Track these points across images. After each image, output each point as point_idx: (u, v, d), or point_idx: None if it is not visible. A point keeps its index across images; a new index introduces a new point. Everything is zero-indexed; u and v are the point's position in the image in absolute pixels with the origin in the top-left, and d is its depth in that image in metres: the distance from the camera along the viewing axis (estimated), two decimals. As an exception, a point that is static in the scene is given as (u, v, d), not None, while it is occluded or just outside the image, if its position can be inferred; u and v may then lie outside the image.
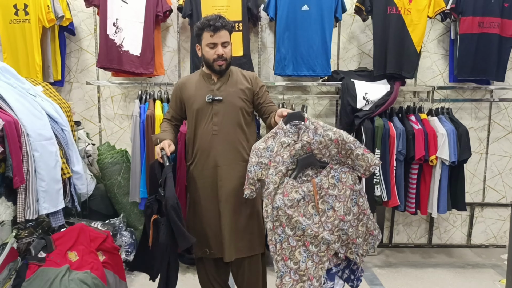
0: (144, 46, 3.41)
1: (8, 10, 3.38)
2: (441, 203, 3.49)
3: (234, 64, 3.40)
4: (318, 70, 3.49)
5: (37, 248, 2.55)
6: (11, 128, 2.27)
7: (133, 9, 3.38)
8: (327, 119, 3.94)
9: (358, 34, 3.85)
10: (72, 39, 3.79)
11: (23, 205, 2.39)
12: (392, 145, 3.39)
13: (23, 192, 2.38)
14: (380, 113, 3.45)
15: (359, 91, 3.42)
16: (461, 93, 3.91)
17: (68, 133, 2.77)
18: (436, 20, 3.77)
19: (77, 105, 3.84)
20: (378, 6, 3.42)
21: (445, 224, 4.09)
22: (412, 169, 3.52)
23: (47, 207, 2.49)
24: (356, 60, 3.88)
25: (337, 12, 3.44)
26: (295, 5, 3.40)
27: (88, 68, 3.83)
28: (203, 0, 3.40)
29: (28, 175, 2.38)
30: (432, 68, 3.89)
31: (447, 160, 3.39)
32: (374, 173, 3.36)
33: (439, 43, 3.87)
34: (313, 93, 3.89)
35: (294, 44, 3.44)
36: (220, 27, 2.33)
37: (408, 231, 4.09)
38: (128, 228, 3.42)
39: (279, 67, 3.50)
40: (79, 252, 2.63)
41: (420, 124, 3.47)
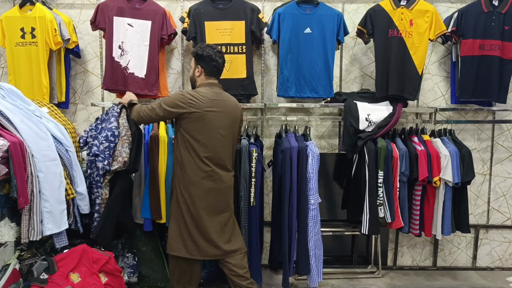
0: (149, 68, 3.45)
1: (15, 33, 3.43)
2: (445, 224, 3.47)
3: (237, 85, 3.48)
4: (321, 92, 3.52)
5: (40, 270, 2.53)
6: (16, 149, 2.28)
7: (139, 32, 3.44)
8: (330, 140, 3.95)
9: (360, 56, 3.90)
10: (78, 61, 3.84)
11: (27, 226, 2.39)
12: (395, 166, 3.39)
13: (27, 213, 2.38)
14: (383, 134, 3.46)
15: (362, 112, 3.44)
16: (464, 114, 3.92)
17: (73, 154, 2.79)
18: (437, 43, 3.82)
19: (81, 127, 3.85)
20: (379, 29, 3.46)
21: (449, 246, 4.06)
22: (415, 191, 3.51)
23: (51, 228, 2.49)
24: (359, 82, 3.92)
25: (339, 35, 3.49)
26: (298, 28, 3.45)
27: (93, 90, 3.87)
28: (207, 23, 3.45)
29: (33, 196, 2.39)
30: (434, 90, 3.92)
31: (451, 182, 3.38)
32: (378, 194, 3.36)
33: (440, 65, 3.90)
34: (316, 114, 3.92)
35: (297, 66, 3.48)
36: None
37: (413, 253, 4.06)
38: (131, 250, 3.40)
39: (282, 89, 3.53)
40: (82, 273, 2.62)
41: (423, 145, 3.48)
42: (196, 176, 2.80)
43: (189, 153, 2.80)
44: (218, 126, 2.81)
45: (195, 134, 2.77)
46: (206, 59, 2.85)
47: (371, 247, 3.91)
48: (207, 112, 2.75)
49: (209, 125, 2.77)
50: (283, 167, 3.21)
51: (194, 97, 2.75)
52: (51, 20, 3.38)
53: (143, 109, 2.87)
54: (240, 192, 3.24)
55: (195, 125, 2.76)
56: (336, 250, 4.03)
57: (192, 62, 2.94)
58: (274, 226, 3.46)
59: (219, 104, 2.83)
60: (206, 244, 2.83)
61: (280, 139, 3.45)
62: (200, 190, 2.81)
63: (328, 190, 3.89)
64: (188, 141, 2.78)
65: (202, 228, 2.82)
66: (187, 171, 2.81)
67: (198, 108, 2.74)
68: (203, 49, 2.86)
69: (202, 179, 2.80)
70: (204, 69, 2.87)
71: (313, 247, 3.24)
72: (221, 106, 2.83)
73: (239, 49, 3.48)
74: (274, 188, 3.43)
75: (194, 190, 2.81)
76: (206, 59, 2.85)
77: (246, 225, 3.26)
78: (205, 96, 2.78)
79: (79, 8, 3.80)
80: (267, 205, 3.79)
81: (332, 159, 3.89)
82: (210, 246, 2.84)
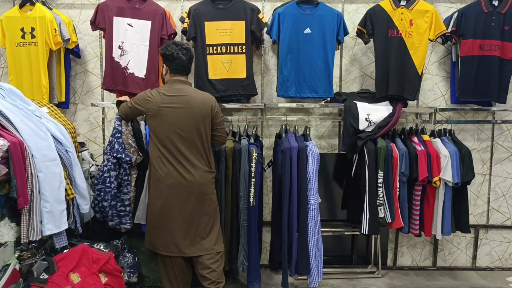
0: (149, 68, 3.46)
1: (15, 34, 3.43)
2: (445, 225, 3.47)
3: (237, 86, 3.48)
4: (321, 92, 3.52)
5: (39, 270, 2.54)
6: (16, 149, 2.29)
7: (139, 32, 3.44)
8: (330, 140, 3.95)
9: (360, 56, 3.90)
10: (78, 61, 3.84)
11: (27, 226, 2.39)
12: (395, 166, 3.40)
13: (27, 213, 2.39)
14: (383, 134, 3.46)
15: (362, 112, 3.44)
16: (463, 114, 3.93)
17: (73, 154, 2.80)
18: (437, 43, 3.82)
19: (81, 127, 3.87)
20: (379, 29, 3.46)
21: (449, 246, 4.06)
22: (415, 191, 3.51)
23: (50, 228, 2.49)
24: (358, 82, 3.92)
25: (339, 35, 3.49)
26: (298, 28, 3.46)
27: (93, 90, 3.87)
28: (207, 23, 3.45)
29: (32, 196, 2.39)
30: (434, 90, 3.92)
31: (451, 182, 3.39)
32: (378, 194, 3.36)
33: (440, 66, 3.91)
34: (315, 114, 3.92)
35: (296, 66, 3.48)
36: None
37: (413, 253, 4.06)
38: (131, 250, 3.40)
39: (282, 89, 3.53)
40: (82, 273, 2.62)
41: (422, 146, 3.48)
42: (161, 172, 2.83)
43: (153, 149, 2.88)
44: (176, 122, 2.79)
45: (155, 130, 2.83)
46: (169, 58, 2.87)
47: (371, 247, 3.92)
48: (162, 108, 2.79)
49: (165, 121, 2.79)
50: (283, 167, 3.21)
51: (151, 95, 2.84)
52: (51, 20, 3.38)
53: (122, 105, 3.06)
54: (239, 192, 3.24)
55: (153, 121, 2.82)
56: (336, 250, 4.03)
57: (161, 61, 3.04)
58: (274, 226, 3.46)
59: (178, 99, 2.81)
60: (168, 240, 2.87)
61: (280, 139, 3.45)
62: (164, 185, 2.83)
63: (328, 190, 3.89)
64: (151, 138, 2.88)
65: (165, 224, 2.86)
66: (154, 166, 2.87)
67: (153, 105, 2.80)
68: (166, 48, 2.88)
69: (166, 174, 2.82)
70: (169, 67, 2.90)
71: (313, 247, 3.24)
72: (179, 102, 2.81)
73: (239, 49, 3.48)
74: (274, 188, 3.43)
75: (159, 185, 2.85)
76: (169, 58, 2.87)
77: (245, 225, 3.27)
78: (162, 92, 2.83)
79: (79, 8, 3.80)
80: (267, 205, 3.80)
81: (332, 159, 3.89)
82: (170, 243, 2.86)
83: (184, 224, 2.85)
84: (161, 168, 2.83)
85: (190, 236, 2.86)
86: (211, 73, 3.48)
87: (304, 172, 3.21)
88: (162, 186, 2.83)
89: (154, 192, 2.88)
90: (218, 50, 3.48)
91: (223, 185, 3.29)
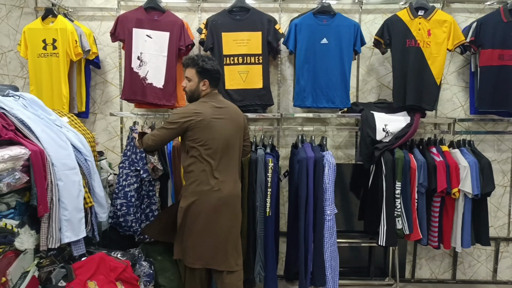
0: (167, 79, 3.50)
1: (37, 45, 3.51)
2: (464, 237, 3.41)
3: (254, 96, 3.50)
4: (338, 102, 3.51)
5: (58, 277, 2.57)
6: (37, 158, 2.33)
7: (157, 43, 3.49)
8: (347, 151, 3.93)
9: (377, 66, 3.89)
10: (98, 72, 3.91)
11: (46, 234, 2.42)
12: (413, 177, 3.36)
13: (47, 221, 2.42)
14: (400, 144, 3.43)
15: (379, 122, 3.42)
16: (483, 125, 3.87)
17: (91, 163, 2.83)
18: (456, 53, 3.78)
19: (100, 136, 3.92)
20: (396, 39, 3.45)
21: (469, 259, 3.98)
22: (434, 202, 3.46)
23: (69, 236, 2.52)
24: (375, 92, 3.90)
25: (356, 45, 3.48)
26: (314, 38, 3.46)
27: (112, 100, 3.93)
28: (224, 34, 3.49)
29: (52, 204, 2.43)
30: (453, 100, 3.88)
31: (470, 193, 3.33)
32: (395, 205, 3.32)
33: (459, 76, 3.87)
34: (332, 124, 3.91)
35: (313, 76, 3.48)
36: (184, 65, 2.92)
37: (431, 265, 3.99)
38: (147, 258, 3.42)
39: (298, 99, 3.54)
40: (99, 281, 2.64)
41: (441, 156, 3.44)
42: (209, 185, 2.77)
43: (196, 163, 2.78)
44: (226, 133, 2.81)
45: (204, 143, 2.75)
46: (212, 72, 2.86)
47: (388, 259, 3.87)
48: (214, 120, 2.77)
49: (217, 133, 2.77)
50: (299, 177, 3.20)
51: (197, 108, 2.79)
52: (72, 32, 3.45)
53: (152, 134, 2.84)
54: (255, 202, 3.24)
55: (203, 134, 2.75)
56: (353, 261, 3.99)
57: (192, 75, 2.87)
58: (290, 236, 3.44)
59: (225, 111, 2.86)
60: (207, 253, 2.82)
61: (296, 149, 3.45)
62: (213, 198, 2.77)
63: (345, 200, 3.86)
64: (198, 150, 2.76)
65: (208, 237, 2.81)
66: (198, 181, 2.78)
67: (204, 117, 2.75)
68: (207, 62, 2.85)
69: (215, 188, 2.77)
70: (210, 81, 2.87)
71: (329, 258, 3.22)
72: (226, 114, 2.85)
73: (256, 60, 3.50)
74: (290, 198, 3.42)
75: (206, 199, 2.78)
76: (212, 72, 2.86)
77: (262, 235, 3.26)
78: (211, 104, 2.83)
79: (100, 20, 3.88)
80: (283, 215, 3.78)
81: (348, 170, 3.86)
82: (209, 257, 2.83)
83: (224, 238, 2.84)
84: (209, 182, 2.77)
85: (226, 249, 2.86)
86: (228, 83, 3.50)
87: (321, 182, 3.19)
88: (211, 199, 2.77)
89: (199, 205, 2.78)
90: (235, 61, 3.51)
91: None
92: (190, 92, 2.90)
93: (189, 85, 2.89)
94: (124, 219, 3.27)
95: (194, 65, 2.85)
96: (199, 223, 2.79)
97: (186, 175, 2.87)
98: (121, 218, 3.28)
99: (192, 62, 2.87)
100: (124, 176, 3.32)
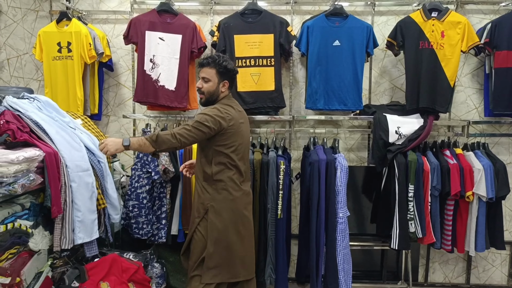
0: (179, 81, 3.51)
1: (52, 48, 3.56)
2: (478, 241, 3.37)
3: (266, 98, 3.49)
4: (350, 104, 3.50)
5: (71, 278, 2.60)
6: (51, 159, 2.36)
7: (170, 46, 3.51)
8: (359, 153, 3.91)
9: (390, 68, 3.86)
10: (111, 74, 3.94)
11: (59, 235, 2.45)
12: (426, 180, 3.33)
13: (60, 222, 2.45)
14: (414, 147, 3.40)
15: (392, 125, 3.40)
16: (498, 127, 3.82)
17: (104, 165, 2.86)
18: (470, 55, 3.74)
19: (113, 137, 3.95)
20: (410, 41, 3.42)
21: (483, 263, 3.93)
22: (447, 205, 3.42)
23: (82, 237, 2.55)
24: (388, 94, 3.87)
25: (368, 47, 3.47)
26: (327, 40, 3.46)
27: (125, 102, 3.97)
28: (236, 36, 3.50)
29: (65, 205, 2.46)
30: (467, 102, 3.84)
31: (485, 196, 3.29)
32: (408, 209, 3.29)
33: (473, 77, 3.82)
34: (344, 127, 3.89)
35: (325, 78, 3.47)
36: (203, 64, 2.70)
37: (445, 269, 3.95)
38: (159, 260, 3.44)
39: (310, 101, 3.53)
40: (111, 282, 2.66)
41: (455, 159, 3.40)
42: (237, 193, 2.65)
43: (226, 169, 2.63)
44: (248, 138, 2.79)
45: (235, 149, 2.62)
46: (232, 73, 2.73)
47: (401, 262, 3.83)
48: (240, 125, 2.67)
49: (243, 138, 2.69)
50: (311, 180, 3.19)
51: (227, 110, 2.61)
52: (86, 35, 3.49)
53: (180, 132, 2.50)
54: (267, 204, 3.24)
55: (233, 139, 2.60)
56: (365, 265, 3.96)
57: (212, 75, 2.66)
58: (301, 239, 3.43)
59: (243, 115, 2.79)
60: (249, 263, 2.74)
61: (308, 151, 3.44)
62: (241, 206, 2.67)
63: (357, 203, 3.83)
64: (227, 156, 2.61)
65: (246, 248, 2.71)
66: (226, 189, 2.63)
67: (235, 122, 2.61)
68: (228, 62, 2.69)
69: (243, 195, 2.69)
70: (230, 83, 2.73)
71: (341, 261, 3.20)
72: (244, 117, 2.78)
73: (268, 62, 3.50)
74: (302, 201, 3.41)
75: (236, 207, 2.65)
76: (232, 73, 2.73)
77: (273, 237, 3.25)
78: (235, 108, 2.70)
79: (113, 23, 3.92)
80: (295, 217, 3.77)
81: (361, 172, 3.84)
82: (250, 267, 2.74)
83: (253, 245, 2.83)
84: (237, 189, 2.65)
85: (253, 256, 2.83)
86: (240, 85, 3.51)
87: (333, 185, 3.18)
88: (241, 207, 2.67)
89: (232, 216, 2.63)
90: (247, 63, 3.51)
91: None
92: (209, 93, 2.69)
93: (207, 86, 2.68)
94: (135, 221, 3.30)
95: (215, 64, 2.66)
96: (234, 235, 2.64)
97: (211, 184, 2.65)
98: (133, 219, 3.30)
99: (212, 61, 2.66)
100: (136, 177, 3.34)
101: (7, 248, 2.15)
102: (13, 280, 2.16)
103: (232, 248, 2.63)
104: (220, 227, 2.61)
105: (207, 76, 2.66)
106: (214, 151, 2.61)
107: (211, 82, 2.67)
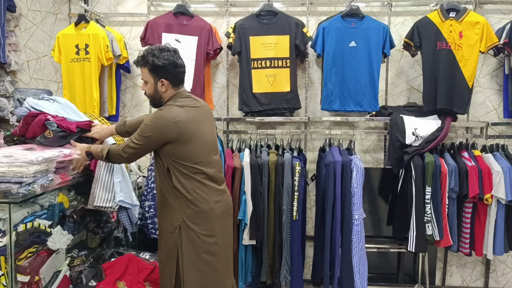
0: (195, 83, 3.53)
1: (70, 50, 3.61)
2: (497, 244, 3.31)
3: (281, 99, 3.49)
4: (366, 106, 3.48)
5: (88, 277, 2.63)
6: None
7: (186, 48, 3.53)
8: (375, 155, 3.88)
9: (406, 69, 3.83)
10: (128, 76, 3.98)
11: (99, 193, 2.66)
12: (443, 182, 3.29)
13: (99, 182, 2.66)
14: (431, 149, 3.37)
15: (408, 126, 3.36)
16: (517, 129, 3.76)
17: (122, 165, 2.89)
18: (489, 55, 3.69)
19: (130, 139, 3.99)
20: (427, 42, 3.39)
21: (502, 267, 3.86)
22: (465, 208, 3.38)
23: (123, 196, 2.70)
24: (405, 96, 3.84)
25: (385, 48, 3.45)
26: (343, 41, 3.44)
27: (142, 104, 4.00)
28: (252, 38, 3.50)
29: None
30: (486, 103, 3.78)
31: (504, 199, 3.24)
32: (425, 211, 3.26)
33: (492, 78, 3.77)
34: (360, 128, 3.87)
35: (341, 79, 3.46)
36: (136, 65, 2.39)
37: (463, 273, 3.89)
38: (175, 260, 3.46)
39: (326, 103, 3.52)
40: (128, 282, 2.69)
41: (473, 161, 3.35)
42: (207, 204, 2.34)
43: (185, 181, 2.31)
44: (208, 138, 2.43)
45: (191, 156, 2.31)
46: (169, 68, 2.32)
47: (418, 265, 3.79)
48: (192, 126, 2.32)
49: (200, 141, 2.35)
50: (327, 181, 3.18)
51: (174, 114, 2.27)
52: (103, 37, 3.53)
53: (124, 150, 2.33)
54: (282, 205, 3.23)
55: (187, 147, 2.29)
56: (381, 267, 3.93)
57: (146, 75, 2.34)
58: (317, 240, 3.42)
59: (200, 112, 2.42)
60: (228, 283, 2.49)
61: (324, 153, 3.43)
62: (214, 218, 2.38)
63: (373, 205, 3.81)
64: (179, 168, 2.30)
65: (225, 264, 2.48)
66: (193, 202, 2.31)
67: (186, 126, 2.27)
68: (158, 57, 2.28)
69: (214, 204, 2.37)
70: (171, 80, 2.34)
71: (357, 263, 3.18)
72: (202, 115, 2.43)
73: (283, 63, 3.50)
74: (318, 203, 3.39)
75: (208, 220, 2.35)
76: (169, 68, 2.32)
77: (288, 239, 3.25)
78: (184, 107, 2.34)
79: (130, 26, 3.96)
80: (310, 219, 3.76)
81: (377, 174, 3.81)
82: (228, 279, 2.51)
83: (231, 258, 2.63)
84: (205, 199, 2.34)
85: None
86: (255, 87, 3.52)
87: (348, 186, 3.17)
88: (213, 219, 2.37)
89: (202, 230, 2.34)
90: (262, 64, 3.52)
91: (266, 198, 3.28)
92: (150, 96, 2.40)
93: (146, 88, 2.38)
94: (151, 221, 3.32)
95: (145, 63, 2.31)
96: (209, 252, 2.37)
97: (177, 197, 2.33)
98: (149, 220, 3.32)
99: (142, 59, 2.32)
100: (152, 178, 3.36)
101: (26, 247, 2.18)
102: (32, 279, 2.20)
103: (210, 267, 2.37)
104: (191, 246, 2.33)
105: (144, 78, 2.37)
106: (170, 160, 2.31)
107: (148, 83, 2.37)
